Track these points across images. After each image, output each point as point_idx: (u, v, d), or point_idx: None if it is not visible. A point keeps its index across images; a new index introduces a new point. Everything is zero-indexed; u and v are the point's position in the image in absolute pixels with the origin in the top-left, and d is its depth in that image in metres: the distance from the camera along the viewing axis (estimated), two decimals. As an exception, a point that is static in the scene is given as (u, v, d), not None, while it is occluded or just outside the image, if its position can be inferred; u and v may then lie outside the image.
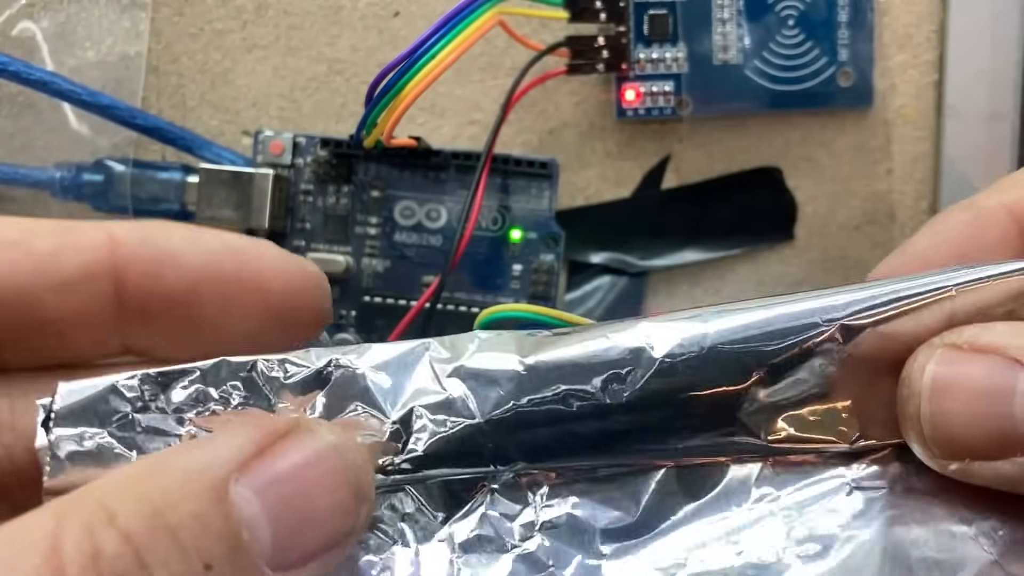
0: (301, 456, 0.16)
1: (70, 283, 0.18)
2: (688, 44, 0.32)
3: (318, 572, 0.16)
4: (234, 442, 0.15)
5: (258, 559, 0.15)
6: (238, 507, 0.15)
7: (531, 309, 0.28)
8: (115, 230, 0.18)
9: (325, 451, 0.16)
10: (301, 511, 0.15)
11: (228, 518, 0.15)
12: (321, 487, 0.16)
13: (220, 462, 0.15)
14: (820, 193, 0.33)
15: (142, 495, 0.14)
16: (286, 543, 0.15)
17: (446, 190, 0.32)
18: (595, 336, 0.19)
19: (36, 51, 0.33)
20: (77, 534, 0.14)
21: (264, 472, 0.15)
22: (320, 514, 0.16)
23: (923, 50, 0.33)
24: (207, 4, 0.34)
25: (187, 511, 0.14)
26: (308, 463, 0.16)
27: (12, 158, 0.33)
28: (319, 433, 0.16)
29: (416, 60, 0.27)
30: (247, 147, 0.33)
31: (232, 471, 0.15)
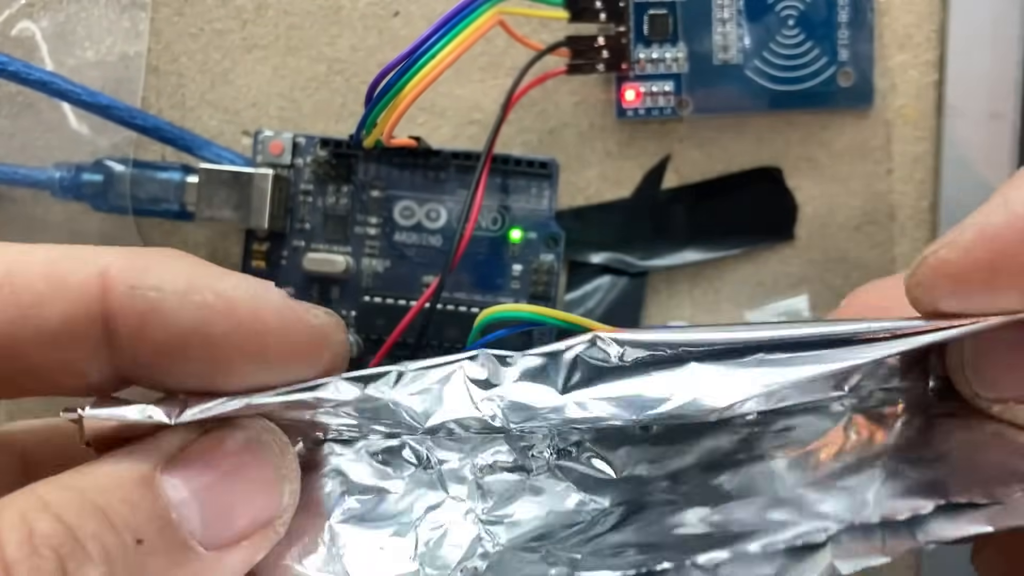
0: (225, 444, 0.17)
1: (56, 334, 0.17)
2: (688, 44, 0.32)
3: (252, 551, 0.17)
4: (161, 442, 0.17)
5: (188, 537, 0.16)
6: (165, 492, 0.16)
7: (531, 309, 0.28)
8: (109, 268, 0.17)
9: (248, 438, 0.18)
10: (226, 494, 0.17)
11: (156, 499, 0.16)
12: (245, 469, 0.17)
13: (147, 457, 0.17)
14: (820, 193, 0.33)
15: (73, 486, 0.16)
16: (216, 523, 0.17)
17: (446, 190, 0.32)
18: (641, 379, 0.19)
19: (35, 51, 0.33)
20: (13, 519, 0.15)
21: (188, 462, 0.17)
22: (244, 496, 0.17)
23: (923, 50, 0.33)
24: (207, 4, 0.34)
25: (116, 496, 0.16)
26: (232, 450, 0.17)
27: (11, 158, 0.33)
28: (241, 424, 0.18)
29: (416, 60, 0.27)
30: (247, 147, 0.33)
31: (158, 463, 0.17)
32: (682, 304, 0.34)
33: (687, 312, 0.34)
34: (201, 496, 0.17)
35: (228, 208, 0.31)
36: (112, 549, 0.15)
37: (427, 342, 0.31)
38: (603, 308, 0.33)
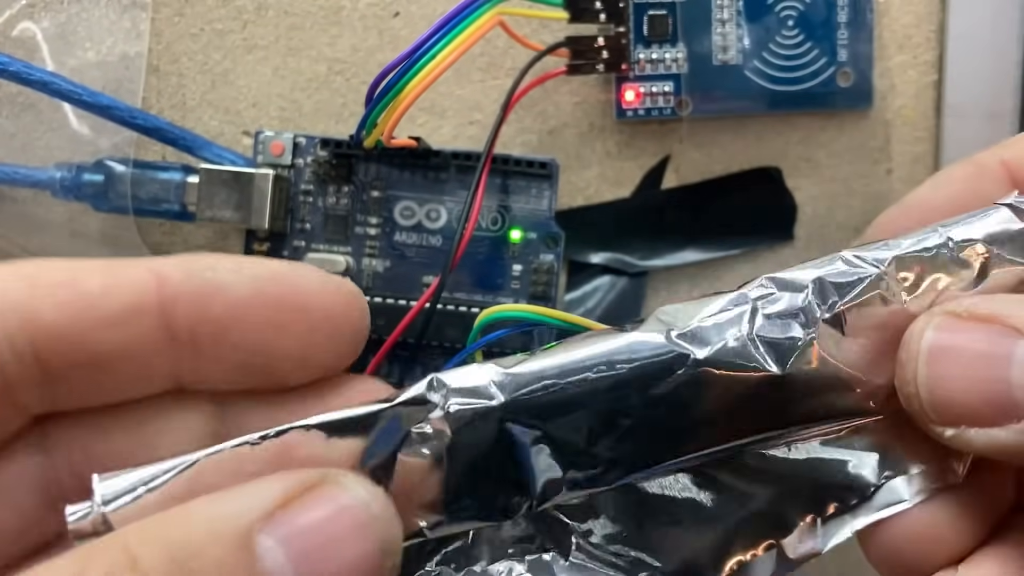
0: (328, 509, 0.16)
1: (119, 320, 0.18)
2: (688, 44, 0.32)
3: None
4: (261, 492, 0.16)
5: None
6: (262, 556, 0.15)
7: (531, 309, 0.28)
8: (160, 266, 0.19)
9: (352, 505, 0.16)
10: (326, 563, 0.15)
11: (251, 567, 0.15)
12: (347, 540, 0.16)
13: (245, 511, 0.15)
14: (820, 193, 0.33)
15: (166, 540, 0.15)
16: None
17: (446, 190, 0.32)
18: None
19: (36, 51, 0.33)
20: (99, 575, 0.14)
21: (290, 523, 0.15)
22: (344, 567, 0.16)
23: (923, 50, 0.33)
24: (207, 4, 0.34)
25: (210, 557, 0.14)
26: (334, 516, 0.16)
27: (12, 158, 0.33)
28: (346, 485, 0.16)
29: (416, 60, 0.27)
30: (247, 147, 0.33)
31: (257, 520, 0.15)
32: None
33: (687, 312, 0.34)
34: (299, 563, 0.15)
35: (229, 208, 0.31)
36: None
37: (427, 342, 0.31)
38: (603, 308, 0.33)
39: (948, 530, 0.20)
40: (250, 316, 0.19)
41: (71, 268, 0.18)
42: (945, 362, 0.19)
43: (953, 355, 0.19)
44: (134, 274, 0.19)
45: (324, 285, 0.20)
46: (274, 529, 0.15)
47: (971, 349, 0.18)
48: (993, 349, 0.18)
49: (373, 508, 0.16)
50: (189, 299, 0.19)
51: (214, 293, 0.19)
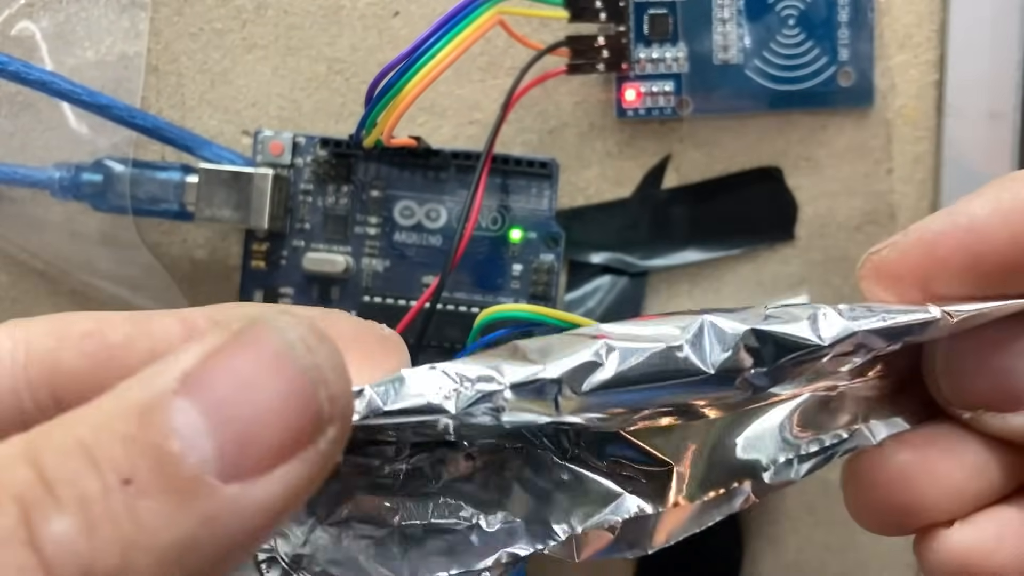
0: (250, 353, 0.14)
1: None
2: (688, 44, 0.32)
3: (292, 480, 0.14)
4: (175, 359, 0.14)
5: (197, 469, 0.13)
6: (170, 416, 0.13)
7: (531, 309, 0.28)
8: (189, 316, 0.18)
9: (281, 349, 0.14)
10: (246, 409, 0.14)
11: (152, 428, 0.13)
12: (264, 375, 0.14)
13: (155, 380, 0.14)
14: (820, 193, 0.33)
15: (68, 422, 0.13)
16: (235, 449, 0.13)
17: (446, 190, 0.32)
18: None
19: (35, 51, 0.33)
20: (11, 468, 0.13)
21: (205, 378, 0.14)
22: (265, 406, 0.14)
23: (924, 50, 0.33)
24: (207, 4, 0.34)
25: (108, 430, 0.13)
26: (254, 357, 0.14)
27: (11, 158, 0.33)
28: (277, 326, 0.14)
29: (416, 60, 0.27)
30: (247, 147, 0.33)
31: (170, 386, 0.14)
32: (682, 304, 0.34)
33: (687, 312, 0.34)
34: (214, 416, 0.13)
35: (228, 208, 0.31)
36: (90, 493, 0.12)
37: (427, 342, 0.31)
38: (603, 308, 0.33)
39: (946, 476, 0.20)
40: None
41: (99, 319, 0.18)
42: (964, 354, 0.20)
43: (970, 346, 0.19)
44: (160, 325, 0.18)
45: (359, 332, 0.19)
46: (189, 389, 0.13)
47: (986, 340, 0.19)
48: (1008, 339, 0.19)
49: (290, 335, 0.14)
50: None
51: None
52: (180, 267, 0.34)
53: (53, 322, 0.18)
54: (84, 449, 0.13)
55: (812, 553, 0.34)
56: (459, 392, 0.19)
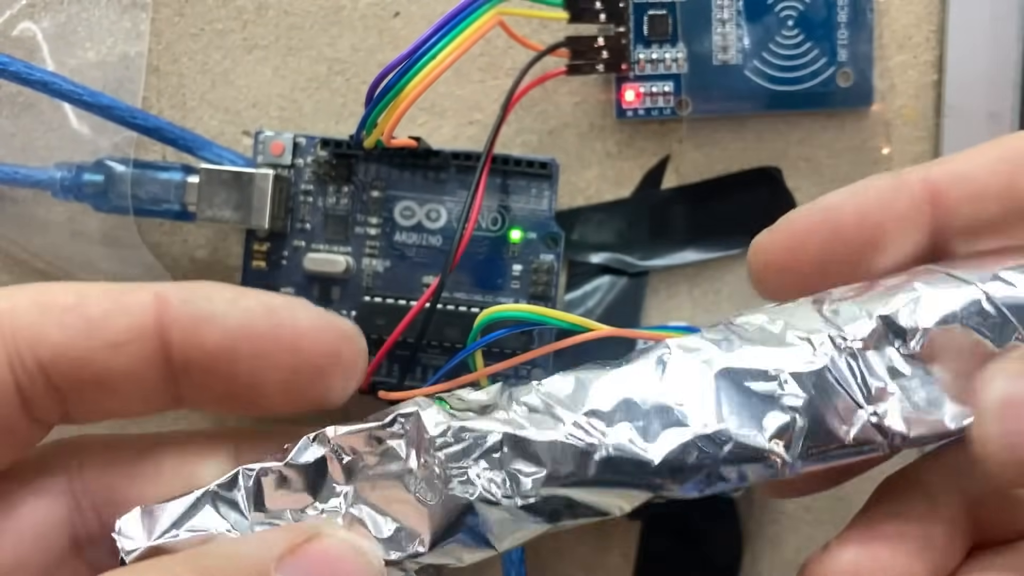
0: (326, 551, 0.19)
1: (119, 343, 0.19)
2: (688, 44, 0.32)
3: None
4: (272, 537, 0.19)
5: None
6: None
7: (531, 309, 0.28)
8: (162, 291, 0.20)
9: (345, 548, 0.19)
10: None
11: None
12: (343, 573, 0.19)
13: (264, 549, 0.18)
14: (820, 193, 0.33)
15: (201, 566, 0.17)
16: None
17: (446, 190, 0.32)
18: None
19: (37, 51, 0.33)
20: None
21: (297, 563, 0.18)
22: None
23: (923, 50, 0.33)
24: (208, 4, 0.34)
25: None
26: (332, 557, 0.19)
27: (12, 158, 0.33)
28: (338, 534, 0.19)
29: (416, 60, 0.27)
30: (247, 147, 0.33)
31: (274, 558, 0.18)
32: (682, 304, 0.34)
33: (687, 312, 0.34)
34: None
35: (229, 208, 0.31)
36: None
37: (427, 342, 0.31)
38: (603, 308, 0.33)
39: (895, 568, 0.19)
40: (237, 347, 0.20)
41: (79, 292, 0.20)
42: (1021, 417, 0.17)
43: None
44: (136, 298, 0.20)
45: (317, 322, 0.21)
46: (286, 566, 0.18)
47: None
48: None
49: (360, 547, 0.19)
50: (183, 325, 0.20)
51: (206, 322, 0.20)
52: (181, 267, 0.34)
53: (35, 294, 0.20)
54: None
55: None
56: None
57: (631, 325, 0.33)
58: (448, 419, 0.21)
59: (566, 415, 0.20)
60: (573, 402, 0.21)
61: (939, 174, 0.22)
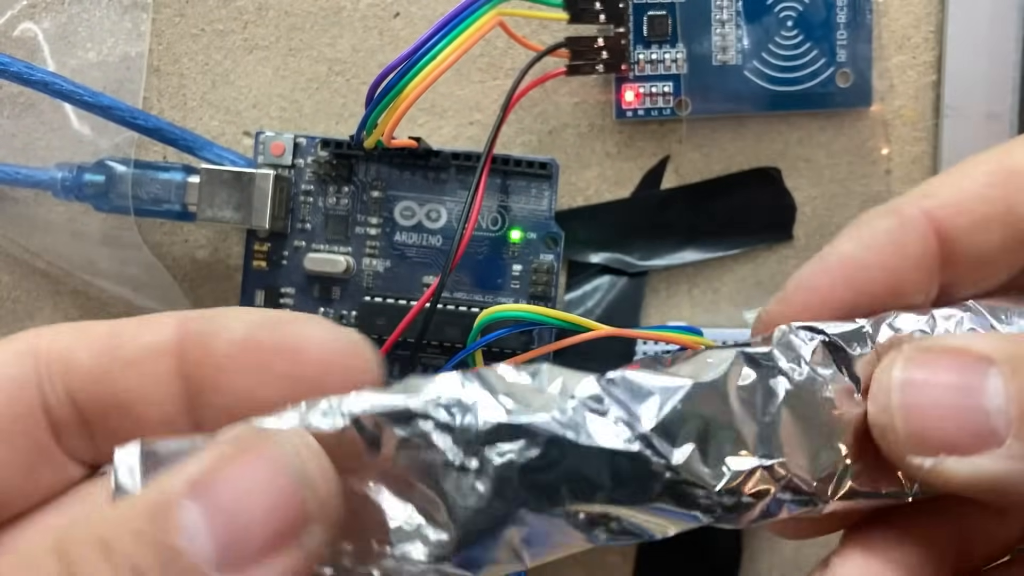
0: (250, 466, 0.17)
1: (138, 359, 0.19)
2: (687, 45, 0.32)
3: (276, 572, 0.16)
4: (185, 466, 0.17)
5: (200, 564, 0.15)
6: (179, 517, 0.16)
7: (531, 309, 0.28)
8: (185, 314, 0.20)
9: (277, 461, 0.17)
10: (243, 511, 0.16)
11: (162, 528, 0.16)
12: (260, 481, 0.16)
13: (166, 485, 0.16)
14: (819, 193, 0.33)
15: (90, 519, 0.16)
16: (232, 545, 0.16)
17: (446, 190, 0.32)
18: None
19: (37, 52, 0.33)
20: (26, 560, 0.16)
21: (207, 487, 0.16)
22: (262, 510, 0.16)
23: (921, 51, 0.33)
24: (208, 5, 0.34)
25: (124, 528, 0.16)
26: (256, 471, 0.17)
27: (13, 158, 0.33)
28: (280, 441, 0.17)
29: (416, 61, 0.27)
30: (248, 148, 0.33)
31: (180, 490, 0.16)
32: (681, 304, 0.34)
33: (686, 312, 0.34)
34: (215, 517, 0.16)
35: (229, 208, 0.31)
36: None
37: (427, 342, 0.31)
38: (602, 308, 0.33)
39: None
40: (242, 358, 0.19)
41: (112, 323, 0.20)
42: (919, 392, 0.18)
43: (926, 386, 0.18)
44: (158, 321, 0.20)
45: (325, 335, 0.20)
46: (195, 493, 0.16)
47: (944, 380, 0.18)
48: (966, 379, 0.18)
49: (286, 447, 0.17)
50: (195, 341, 0.20)
51: (213, 335, 0.19)
52: (182, 267, 0.34)
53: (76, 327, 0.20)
54: (103, 544, 0.15)
55: (811, 551, 0.34)
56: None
57: (631, 325, 0.33)
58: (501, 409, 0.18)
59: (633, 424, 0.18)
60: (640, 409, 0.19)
61: (935, 206, 0.21)
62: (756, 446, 0.19)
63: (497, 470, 0.18)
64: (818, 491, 0.19)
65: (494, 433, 0.18)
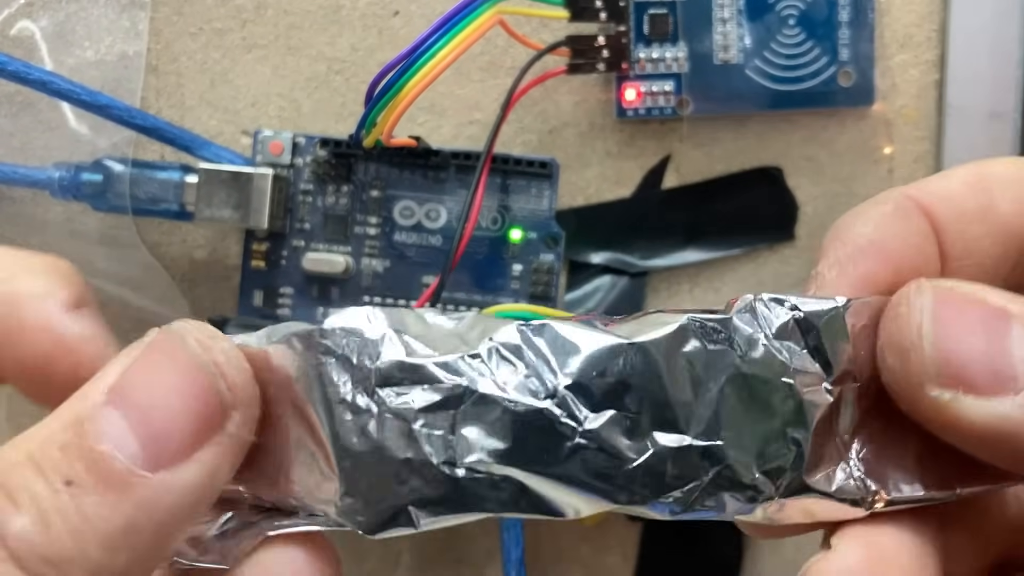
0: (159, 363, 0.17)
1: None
2: (688, 44, 0.32)
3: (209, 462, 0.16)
4: (103, 375, 0.17)
5: (127, 465, 0.16)
6: (99, 424, 0.16)
7: (531, 309, 0.28)
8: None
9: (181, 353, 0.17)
10: (161, 410, 0.16)
11: (84, 436, 0.16)
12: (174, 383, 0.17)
13: (87, 396, 0.16)
14: (820, 193, 0.33)
15: (19, 438, 0.16)
16: (155, 443, 0.16)
17: (446, 190, 0.32)
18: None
19: (35, 50, 0.33)
20: None
21: (124, 390, 0.16)
22: (180, 407, 0.16)
23: (924, 49, 0.33)
24: (206, 3, 0.34)
25: (50, 442, 0.16)
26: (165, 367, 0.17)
27: (11, 158, 0.33)
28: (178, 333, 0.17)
29: (416, 59, 0.27)
30: (246, 147, 0.33)
31: (99, 399, 0.16)
32: (682, 304, 0.34)
33: (687, 312, 0.34)
34: (135, 419, 0.16)
35: (227, 208, 0.31)
36: (40, 495, 0.15)
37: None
38: (603, 308, 0.33)
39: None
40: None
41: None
42: (949, 323, 0.18)
43: (957, 319, 0.18)
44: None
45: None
46: (113, 398, 0.16)
47: (972, 318, 0.18)
48: (992, 323, 0.18)
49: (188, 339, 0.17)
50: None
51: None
52: (180, 267, 0.34)
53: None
54: (32, 460, 0.16)
55: (812, 553, 0.34)
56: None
57: (631, 325, 0.33)
58: (403, 348, 0.17)
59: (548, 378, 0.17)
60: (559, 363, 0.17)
61: (923, 196, 0.20)
62: (690, 423, 0.17)
63: (391, 412, 0.17)
64: (760, 484, 0.18)
65: (392, 373, 0.17)
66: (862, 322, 0.18)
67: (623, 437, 0.17)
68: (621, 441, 0.17)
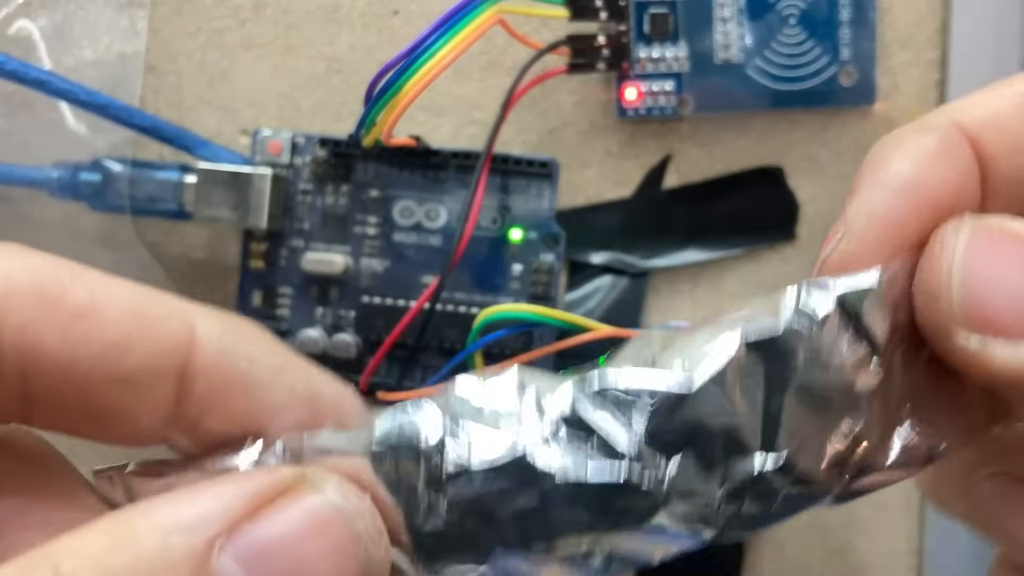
0: (300, 521, 0.14)
1: (132, 380, 0.15)
2: (689, 43, 0.32)
3: None
4: (226, 496, 0.13)
5: None
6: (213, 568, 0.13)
7: (531, 309, 0.28)
8: (198, 328, 0.16)
9: (330, 516, 0.14)
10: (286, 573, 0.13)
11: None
12: (320, 562, 0.14)
13: (205, 520, 0.13)
14: (822, 192, 0.33)
15: (102, 555, 0.13)
16: None
17: (445, 190, 0.32)
18: None
19: (33, 50, 0.33)
20: None
21: (254, 538, 0.13)
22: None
23: (925, 49, 0.33)
24: (205, 3, 0.34)
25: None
26: (308, 530, 0.14)
27: (9, 157, 0.33)
28: (325, 493, 0.14)
29: (415, 59, 0.27)
30: (245, 146, 0.33)
31: (217, 535, 0.13)
32: (683, 304, 0.33)
33: (688, 312, 0.33)
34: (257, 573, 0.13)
35: (226, 208, 0.31)
36: None
37: (427, 342, 0.31)
38: (603, 308, 0.33)
39: None
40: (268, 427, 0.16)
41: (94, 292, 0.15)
42: (983, 263, 0.16)
43: (991, 259, 0.17)
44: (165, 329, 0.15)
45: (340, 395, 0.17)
46: (236, 546, 0.13)
47: (1008, 258, 0.16)
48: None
49: (356, 523, 0.14)
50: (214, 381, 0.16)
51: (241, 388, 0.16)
52: (178, 267, 0.34)
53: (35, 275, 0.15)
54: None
55: (814, 555, 0.34)
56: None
57: (632, 326, 0.33)
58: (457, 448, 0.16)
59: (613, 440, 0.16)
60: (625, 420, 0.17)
61: (970, 123, 0.18)
62: (760, 442, 0.17)
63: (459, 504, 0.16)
64: (832, 479, 0.18)
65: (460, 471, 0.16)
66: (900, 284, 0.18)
67: (702, 474, 0.17)
68: (700, 479, 0.17)
